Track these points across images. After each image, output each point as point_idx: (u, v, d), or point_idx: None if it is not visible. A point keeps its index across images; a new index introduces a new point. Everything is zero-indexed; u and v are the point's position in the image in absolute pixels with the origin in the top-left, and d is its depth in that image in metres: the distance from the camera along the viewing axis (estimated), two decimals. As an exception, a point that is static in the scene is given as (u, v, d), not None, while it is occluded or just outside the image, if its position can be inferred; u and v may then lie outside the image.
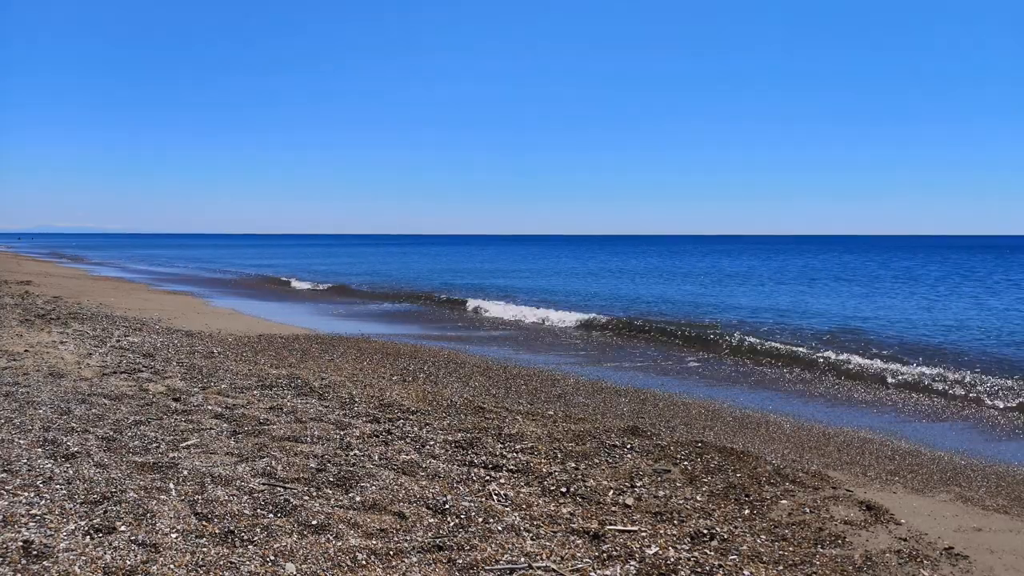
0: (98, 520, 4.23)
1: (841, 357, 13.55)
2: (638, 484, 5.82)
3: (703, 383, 11.68)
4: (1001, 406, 10.22)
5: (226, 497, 4.78)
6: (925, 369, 12.53)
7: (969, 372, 12.17)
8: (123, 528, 4.17)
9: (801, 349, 14.45)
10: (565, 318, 19.75)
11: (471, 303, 23.48)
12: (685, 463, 6.42)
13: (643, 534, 4.74)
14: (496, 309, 22.13)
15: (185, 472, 5.20)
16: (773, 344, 14.88)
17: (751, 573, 4.24)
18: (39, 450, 5.42)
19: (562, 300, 25.77)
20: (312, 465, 5.64)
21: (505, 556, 4.25)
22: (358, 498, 5.01)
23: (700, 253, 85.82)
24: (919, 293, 30.03)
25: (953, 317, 21.10)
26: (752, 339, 15.33)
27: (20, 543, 3.84)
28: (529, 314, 20.86)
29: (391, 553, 4.19)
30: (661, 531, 4.82)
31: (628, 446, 6.89)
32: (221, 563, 3.86)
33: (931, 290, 31.61)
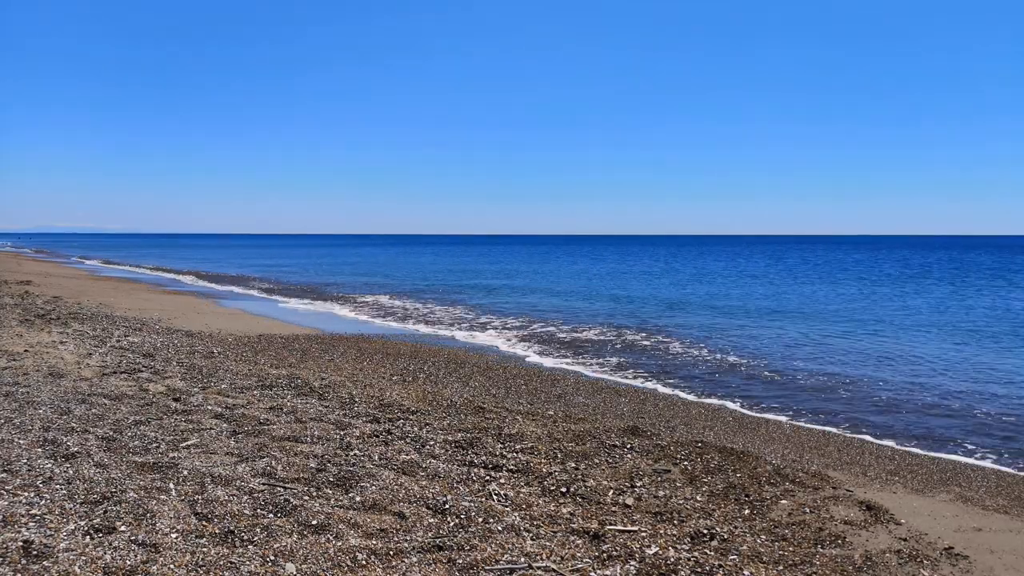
0: (98, 520, 4.23)
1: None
2: (638, 484, 5.81)
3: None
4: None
5: (226, 497, 4.78)
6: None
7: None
8: (123, 528, 4.17)
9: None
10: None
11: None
12: (685, 463, 6.41)
13: (643, 534, 4.74)
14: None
15: (185, 472, 5.20)
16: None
17: (751, 573, 4.24)
18: (39, 450, 5.42)
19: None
20: (312, 465, 5.64)
21: (505, 556, 4.25)
22: (358, 498, 5.01)
23: (710, 254, 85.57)
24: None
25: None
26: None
27: (20, 543, 3.84)
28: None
29: (391, 553, 4.19)
30: (661, 531, 4.82)
31: (628, 446, 6.89)
32: (221, 563, 3.86)
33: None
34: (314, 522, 4.50)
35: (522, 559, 4.22)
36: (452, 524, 4.70)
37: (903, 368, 13.18)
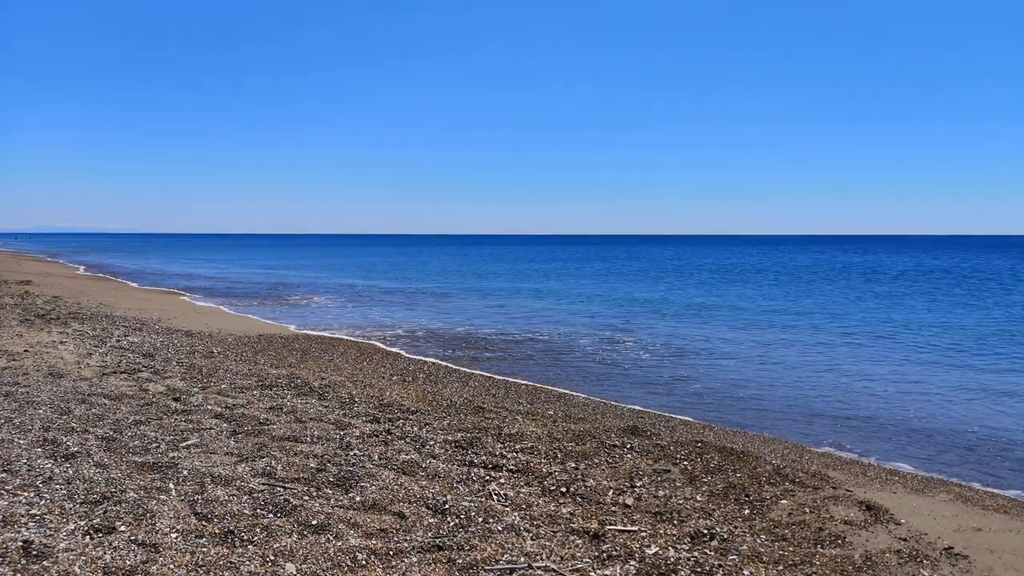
0: (98, 520, 4.23)
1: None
2: (638, 484, 5.81)
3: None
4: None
5: (226, 497, 4.78)
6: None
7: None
8: (123, 528, 4.16)
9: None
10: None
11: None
12: (685, 463, 6.41)
13: (643, 534, 4.74)
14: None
15: (185, 472, 5.20)
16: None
17: (751, 573, 4.24)
18: (39, 450, 5.42)
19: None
20: (312, 465, 5.64)
21: (505, 556, 4.25)
22: (358, 498, 5.01)
23: (723, 254, 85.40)
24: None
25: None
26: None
27: (20, 543, 3.83)
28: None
29: (391, 553, 4.19)
30: (661, 531, 4.81)
31: (628, 446, 6.89)
32: (221, 563, 3.86)
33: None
34: (314, 522, 4.50)
35: (522, 559, 4.22)
36: (452, 524, 4.70)
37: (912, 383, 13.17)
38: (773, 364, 13.41)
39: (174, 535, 4.14)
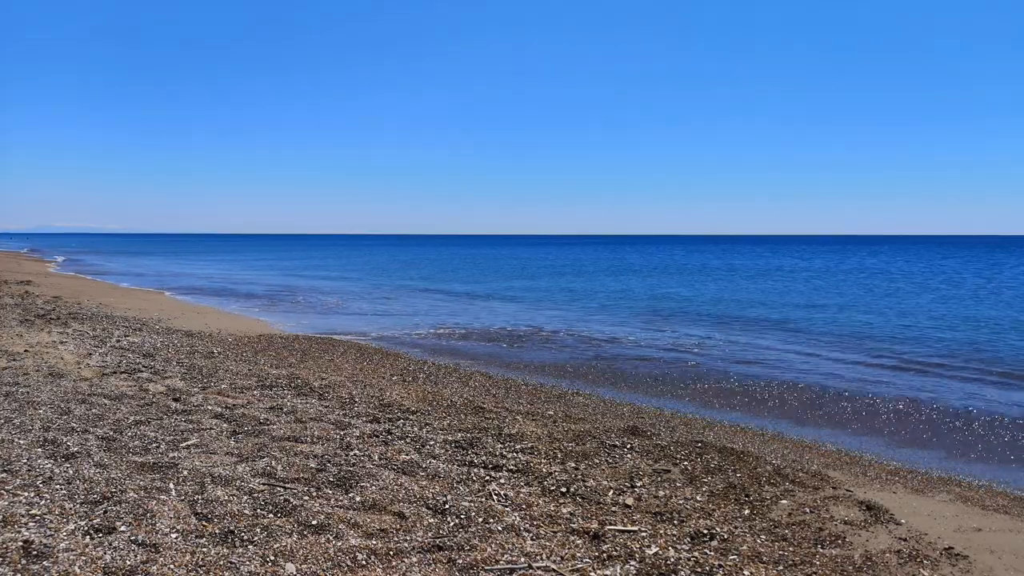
0: (98, 520, 4.23)
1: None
2: (638, 484, 5.81)
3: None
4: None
5: (226, 497, 4.78)
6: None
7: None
8: (123, 528, 4.16)
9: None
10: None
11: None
12: (685, 463, 6.41)
13: (643, 534, 4.74)
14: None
15: (185, 472, 5.20)
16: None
17: (751, 573, 4.24)
18: (39, 450, 5.42)
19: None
20: (312, 465, 5.64)
21: (505, 556, 4.25)
22: (358, 498, 5.01)
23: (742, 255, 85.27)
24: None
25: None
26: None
27: (20, 543, 3.83)
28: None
29: (391, 553, 4.19)
30: (661, 531, 4.81)
31: (628, 446, 6.89)
32: (221, 563, 3.86)
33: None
34: (314, 522, 4.50)
35: (522, 559, 4.22)
36: (452, 524, 4.70)
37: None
38: (774, 363, 13.41)
39: (174, 535, 4.14)
